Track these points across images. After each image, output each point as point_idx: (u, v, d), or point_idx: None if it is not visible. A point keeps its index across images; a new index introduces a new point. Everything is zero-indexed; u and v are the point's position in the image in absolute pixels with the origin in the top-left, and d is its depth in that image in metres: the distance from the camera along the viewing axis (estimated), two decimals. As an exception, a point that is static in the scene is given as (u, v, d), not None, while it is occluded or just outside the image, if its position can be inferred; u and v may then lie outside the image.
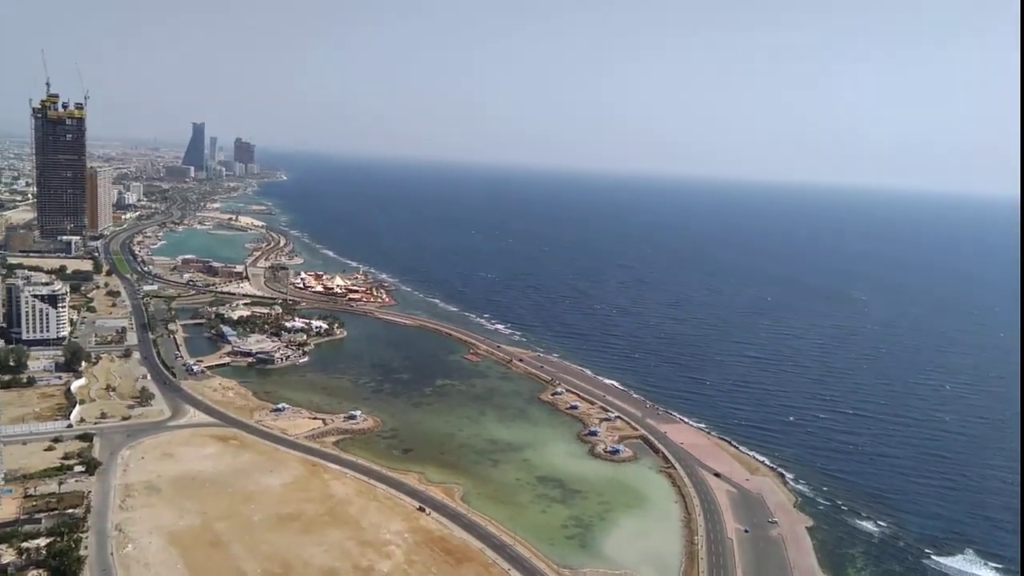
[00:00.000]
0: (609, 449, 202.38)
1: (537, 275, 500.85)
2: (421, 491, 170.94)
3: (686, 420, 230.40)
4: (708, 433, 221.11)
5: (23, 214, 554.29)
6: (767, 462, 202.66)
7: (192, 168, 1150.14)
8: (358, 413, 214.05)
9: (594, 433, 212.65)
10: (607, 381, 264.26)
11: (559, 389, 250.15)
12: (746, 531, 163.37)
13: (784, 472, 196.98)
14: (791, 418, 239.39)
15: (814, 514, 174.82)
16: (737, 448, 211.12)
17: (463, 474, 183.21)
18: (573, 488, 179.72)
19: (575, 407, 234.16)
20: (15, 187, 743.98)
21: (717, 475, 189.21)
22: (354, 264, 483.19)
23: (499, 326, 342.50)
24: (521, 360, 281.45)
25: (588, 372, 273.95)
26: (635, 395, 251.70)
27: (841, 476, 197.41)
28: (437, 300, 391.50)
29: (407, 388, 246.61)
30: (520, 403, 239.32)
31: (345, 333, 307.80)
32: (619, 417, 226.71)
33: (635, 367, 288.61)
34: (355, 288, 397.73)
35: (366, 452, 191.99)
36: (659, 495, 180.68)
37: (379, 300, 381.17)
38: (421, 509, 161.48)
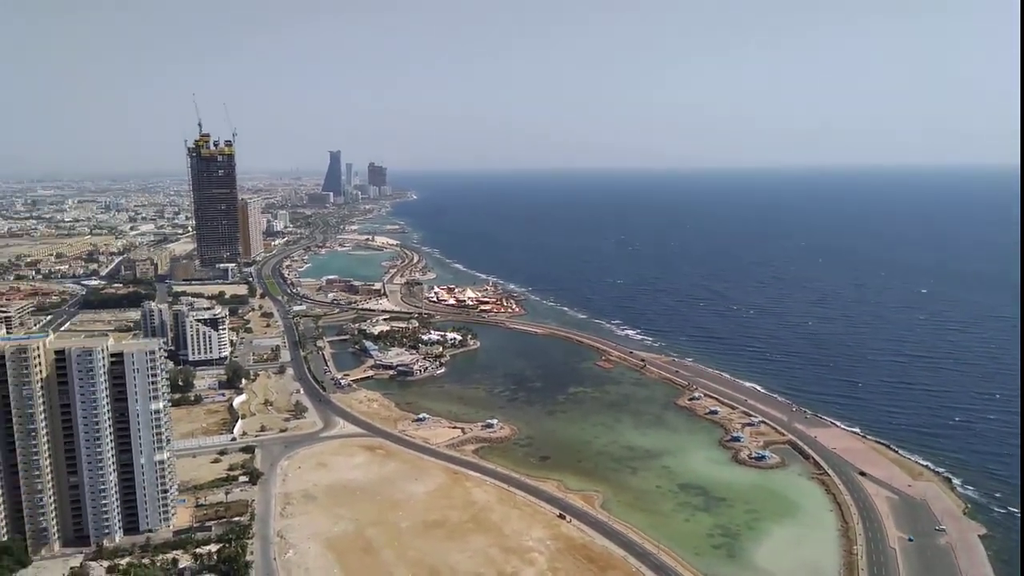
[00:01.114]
0: (754, 455, 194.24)
1: (667, 278, 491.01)
2: (560, 498, 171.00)
3: (837, 423, 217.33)
4: (863, 437, 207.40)
5: (184, 245, 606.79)
6: (931, 466, 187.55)
7: (331, 194, 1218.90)
8: (495, 422, 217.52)
9: (737, 439, 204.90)
10: (747, 384, 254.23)
11: (696, 394, 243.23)
12: (910, 540, 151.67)
13: (951, 477, 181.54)
14: (956, 419, 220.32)
15: (987, 522, 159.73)
16: (896, 452, 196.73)
17: (601, 481, 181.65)
18: (717, 496, 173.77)
19: (714, 412, 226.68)
20: (176, 221, 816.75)
21: (861, 475, 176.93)
22: (483, 276, 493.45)
23: (630, 331, 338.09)
24: (655, 365, 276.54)
25: (726, 376, 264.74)
26: (779, 398, 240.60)
27: (1015, 482, 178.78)
28: (566, 308, 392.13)
29: (541, 396, 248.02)
30: (656, 409, 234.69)
31: (478, 344, 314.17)
32: (763, 422, 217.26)
33: (778, 369, 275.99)
34: (486, 299, 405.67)
35: (504, 460, 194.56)
36: (812, 503, 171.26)
37: (509, 310, 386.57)
38: (561, 516, 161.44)
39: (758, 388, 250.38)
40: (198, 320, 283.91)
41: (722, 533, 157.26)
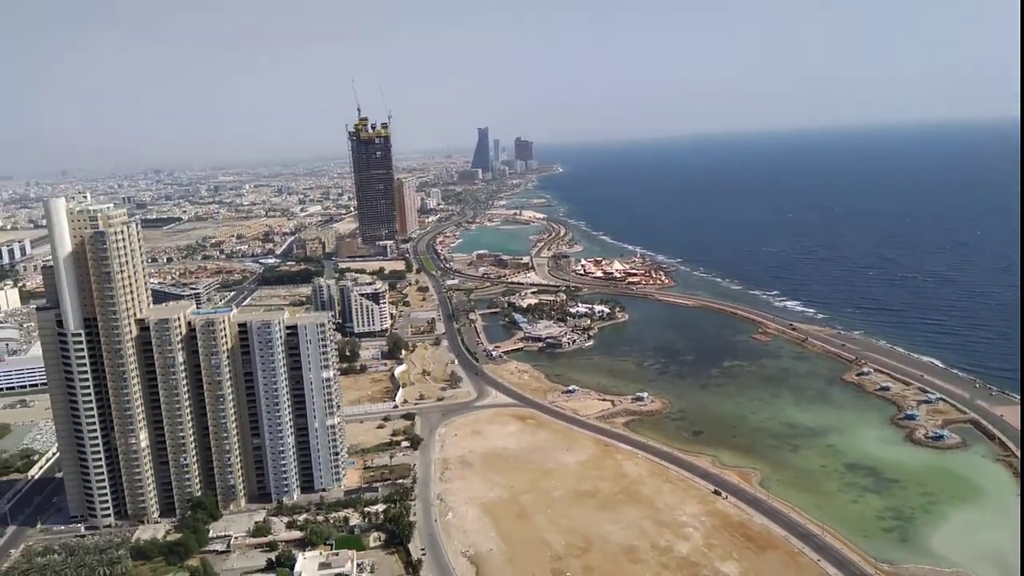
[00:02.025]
0: (931, 434, 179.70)
1: (831, 246, 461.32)
2: (715, 474, 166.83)
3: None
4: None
5: (348, 224, 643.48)
6: None
7: (479, 170, 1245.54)
8: (645, 395, 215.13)
9: (911, 417, 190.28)
10: (924, 359, 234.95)
11: (865, 369, 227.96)
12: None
13: None
14: None
15: None
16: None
17: (759, 458, 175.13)
18: (888, 477, 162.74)
19: (886, 388, 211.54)
20: (340, 202, 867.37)
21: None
22: (631, 248, 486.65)
23: (789, 303, 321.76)
24: (817, 338, 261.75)
25: (899, 350, 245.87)
26: (960, 374, 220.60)
27: None
28: (719, 279, 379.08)
29: (693, 369, 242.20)
30: (819, 384, 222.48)
31: (626, 316, 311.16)
32: (941, 399, 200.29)
33: (960, 343, 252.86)
34: (634, 271, 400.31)
35: (655, 433, 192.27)
36: (996, 486, 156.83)
37: (658, 282, 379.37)
38: (716, 492, 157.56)
39: (936, 363, 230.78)
40: (362, 295, 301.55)
41: (894, 516, 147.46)
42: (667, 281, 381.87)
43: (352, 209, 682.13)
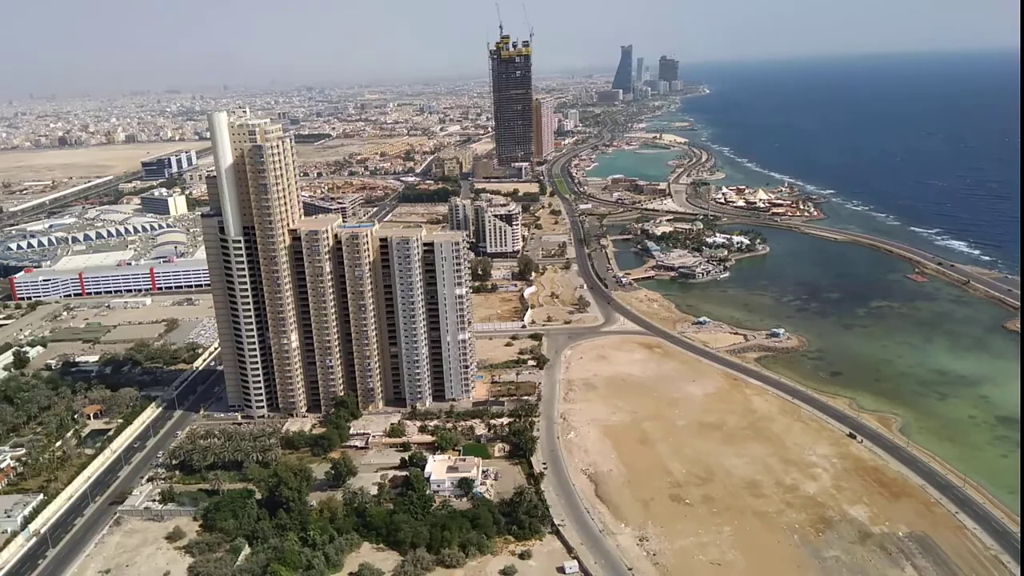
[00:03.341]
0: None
1: (1008, 181, 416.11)
2: (852, 417, 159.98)
3: None
4: None
5: (485, 145, 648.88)
6: None
7: (620, 91, 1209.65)
8: (781, 331, 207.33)
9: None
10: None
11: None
12: None
13: None
14: None
15: None
16: None
17: (902, 404, 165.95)
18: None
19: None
20: (478, 122, 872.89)
21: None
22: (778, 176, 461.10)
23: (954, 242, 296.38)
24: (981, 282, 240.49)
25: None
26: None
27: None
28: (874, 213, 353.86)
29: (836, 308, 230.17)
30: (978, 331, 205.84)
31: (767, 249, 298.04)
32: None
33: None
34: (779, 202, 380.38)
35: (789, 371, 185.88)
36: None
37: (805, 214, 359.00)
38: (851, 436, 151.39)
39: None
40: (495, 216, 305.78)
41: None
42: (816, 213, 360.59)
43: (490, 129, 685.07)
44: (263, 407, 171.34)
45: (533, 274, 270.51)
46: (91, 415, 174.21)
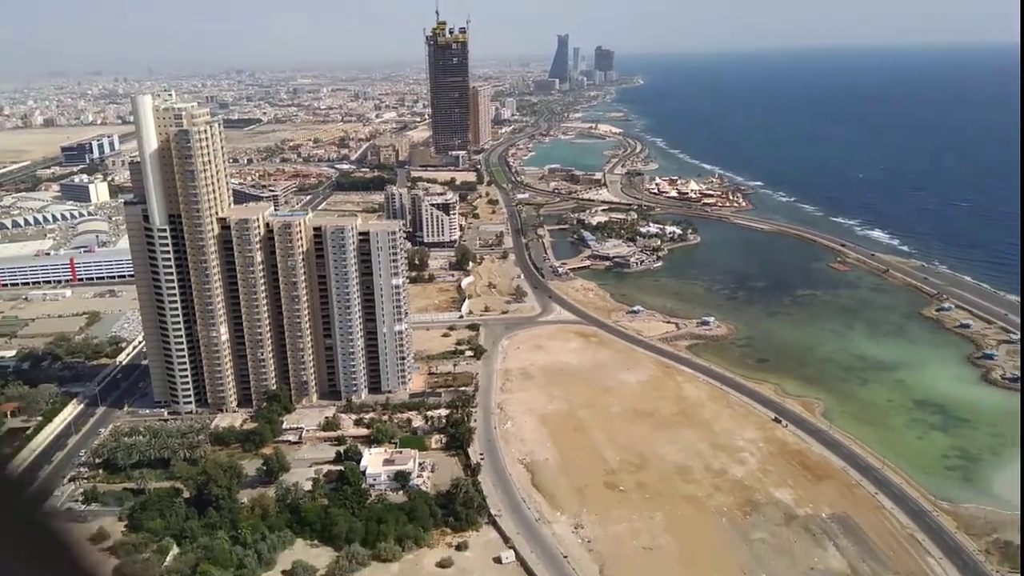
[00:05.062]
0: (1009, 376, 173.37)
1: (927, 173, 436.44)
2: (777, 402, 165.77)
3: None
4: None
5: (422, 133, 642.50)
6: None
7: (557, 80, 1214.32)
8: (711, 319, 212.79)
9: (990, 356, 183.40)
10: (1010, 298, 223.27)
11: (946, 304, 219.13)
12: None
13: None
14: None
15: None
16: None
17: (824, 389, 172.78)
18: (958, 416, 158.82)
19: (966, 325, 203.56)
20: (415, 109, 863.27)
21: None
22: (709, 167, 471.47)
23: (873, 232, 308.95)
24: (899, 270, 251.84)
25: (985, 287, 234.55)
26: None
27: None
28: (800, 204, 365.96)
29: (763, 296, 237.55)
30: (896, 318, 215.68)
31: (698, 239, 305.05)
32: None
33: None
34: (710, 192, 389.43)
35: (719, 359, 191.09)
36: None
37: (735, 204, 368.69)
38: (776, 420, 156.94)
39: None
40: (432, 204, 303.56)
41: (959, 455, 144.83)
42: (745, 204, 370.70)
43: (427, 117, 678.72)
44: (191, 402, 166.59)
45: (471, 264, 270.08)
46: (8, 413, 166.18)
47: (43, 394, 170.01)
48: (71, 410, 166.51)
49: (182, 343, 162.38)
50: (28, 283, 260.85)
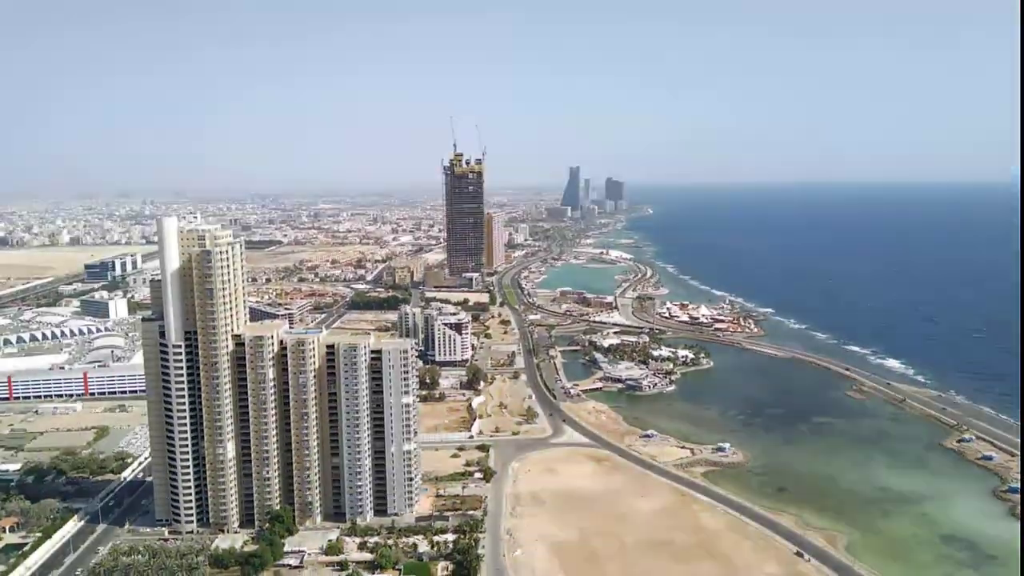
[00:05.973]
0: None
1: (939, 303, 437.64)
2: (798, 535, 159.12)
3: None
4: None
5: (437, 255, 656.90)
6: None
7: (568, 208, 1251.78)
8: (727, 446, 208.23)
9: (1015, 490, 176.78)
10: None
11: (967, 436, 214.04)
12: None
13: None
14: None
15: None
16: None
17: (847, 522, 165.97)
18: (988, 553, 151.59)
19: (989, 458, 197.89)
20: (431, 233, 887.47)
21: None
22: (719, 293, 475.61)
23: (888, 361, 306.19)
24: (916, 400, 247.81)
25: (1005, 418, 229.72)
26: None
27: None
28: (813, 331, 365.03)
29: (780, 423, 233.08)
30: (917, 449, 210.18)
31: (711, 363, 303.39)
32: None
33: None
34: (721, 318, 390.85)
35: (736, 487, 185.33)
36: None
37: (747, 330, 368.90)
38: (799, 554, 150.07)
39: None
40: (445, 324, 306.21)
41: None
42: (757, 330, 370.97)
43: (442, 240, 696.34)
44: (192, 521, 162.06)
45: (482, 383, 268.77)
46: (7, 528, 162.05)
47: (44, 509, 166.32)
48: (71, 527, 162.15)
49: (188, 459, 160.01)
50: (41, 396, 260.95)
